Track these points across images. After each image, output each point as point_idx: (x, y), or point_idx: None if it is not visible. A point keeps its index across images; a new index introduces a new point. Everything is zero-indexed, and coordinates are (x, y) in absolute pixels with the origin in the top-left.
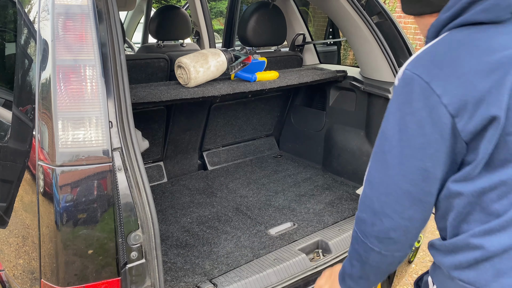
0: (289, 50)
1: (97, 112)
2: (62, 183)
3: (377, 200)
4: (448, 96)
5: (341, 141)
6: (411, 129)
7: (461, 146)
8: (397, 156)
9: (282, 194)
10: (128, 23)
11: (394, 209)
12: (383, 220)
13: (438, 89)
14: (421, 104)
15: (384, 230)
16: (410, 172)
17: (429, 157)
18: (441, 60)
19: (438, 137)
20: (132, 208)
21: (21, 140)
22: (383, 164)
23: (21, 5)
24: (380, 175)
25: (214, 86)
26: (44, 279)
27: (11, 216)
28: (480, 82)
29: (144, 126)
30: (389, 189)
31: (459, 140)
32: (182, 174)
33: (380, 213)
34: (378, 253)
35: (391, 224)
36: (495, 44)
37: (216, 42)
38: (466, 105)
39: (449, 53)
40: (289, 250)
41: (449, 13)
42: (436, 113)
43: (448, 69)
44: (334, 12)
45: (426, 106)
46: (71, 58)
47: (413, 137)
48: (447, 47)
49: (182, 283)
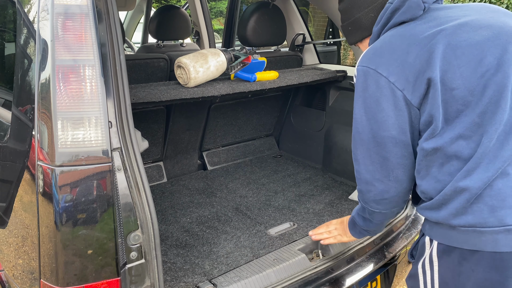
0: (289, 50)
1: (96, 112)
2: (61, 183)
3: (366, 172)
4: (393, 75)
5: (341, 141)
6: (373, 108)
7: (414, 113)
8: (369, 132)
9: (282, 194)
10: (128, 23)
11: (381, 174)
12: (375, 185)
13: (384, 72)
14: (375, 86)
15: (379, 193)
16: (382, 142)
17: (392, 127)
18: (380, 51)
19: (393, 108)
20: (132, 208)
21: (21, 140)
22: (361, 142)
23: (21, 5)
24: (361, 151)
25: (214, 86)
26: (44, 279)
27: (10, 216)
28: (412, 58)
29: (144, 126)
30: (371, 159)
31: (412, 108)
32: (181, 174)
33: (372, 181)
34: (379, 213)
35: (382, 187)
36: (417, 31)
37: (216, 42)
38: (408, 78)
39: (385, 45)
40: (289, 250)
41: (379, 26)
42: (388, 90)
43: (387, 55)
44: (334, 12)
45: (379, 87)
46: (70, 58)
47: (375, 113)
48: (382, 42)
49: (182, 283)
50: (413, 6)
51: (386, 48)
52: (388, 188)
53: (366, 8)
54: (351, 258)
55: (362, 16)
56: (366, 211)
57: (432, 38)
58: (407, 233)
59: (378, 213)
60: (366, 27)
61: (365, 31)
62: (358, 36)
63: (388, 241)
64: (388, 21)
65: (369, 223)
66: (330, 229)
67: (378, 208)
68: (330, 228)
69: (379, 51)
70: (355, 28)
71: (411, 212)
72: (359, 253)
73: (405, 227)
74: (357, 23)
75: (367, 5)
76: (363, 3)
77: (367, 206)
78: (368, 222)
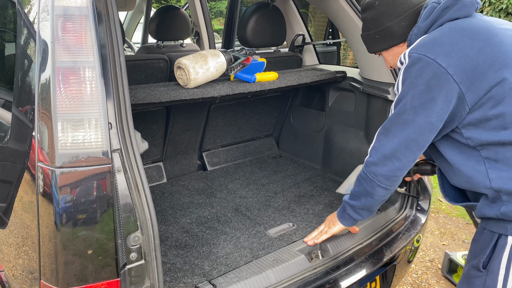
0: (289, 51)
1: (96, 114)
2: (61, 184)
3: (390, 147)
4: (452, 67)
5: (341, 141)
6: (423, 94)
7: (462, 106)
8: (410, 114)
9: (282, 195)
10: (128, 23)
11: (403, 154)
12: (393, 161)
13: (444, 63)
14: (430, 75)
15: (393, 169)
16: (419, 126)
17: (435, 114)
18: (440, 42)
19: (444, 98)
20: (132, 209)
21: (21, 141)
22: (397, 121)
23: (21, 5)
24: (395, 129)
25: (214, 87)
26: (44, 280)
27: (10, 217)
28: (474, 53)
29: (144, 126)
30: (400, 138)
31: (462, 101)
32: (181, 175)
33: (391, 157)
34: (384, 189)
35: (399, 164)
36: (476, 26)
37: (216, 42)
38: (467, 72)
39: (445, 37)
40: (288, 250)
41: (428, 21)
42: (444, 81)
43: (448, 47)
44: (334, 13)
45: (435, 76)
46: (70, 60)
47: (424, 99)
48: (442, 33)
49: (181, 284)
50: (468, 5)
51: (446, 39)
52: (403, 167)
53: (399, 17)
54: (350, 258)
55: (394, 25)
56: (370, 184)
57: (494, 35)
58: (406, 234)
59: (383, 189)
60: (398, 35)
61: (395, 39)
62: (386, 44)
63: (387, 241)
64: (438, 18)
65: (369, 199)
66: (320, 229)
67: (385, 184)
68: (320, 228)
69: (439, 42)
70: (385, 37)
71: (411, 212)
72: (359, 253)
73: (405, 227)
74: (388, 32)
75: (399, 14)
76: (395, 12)
77: (375, 179)
78: (369, 198)
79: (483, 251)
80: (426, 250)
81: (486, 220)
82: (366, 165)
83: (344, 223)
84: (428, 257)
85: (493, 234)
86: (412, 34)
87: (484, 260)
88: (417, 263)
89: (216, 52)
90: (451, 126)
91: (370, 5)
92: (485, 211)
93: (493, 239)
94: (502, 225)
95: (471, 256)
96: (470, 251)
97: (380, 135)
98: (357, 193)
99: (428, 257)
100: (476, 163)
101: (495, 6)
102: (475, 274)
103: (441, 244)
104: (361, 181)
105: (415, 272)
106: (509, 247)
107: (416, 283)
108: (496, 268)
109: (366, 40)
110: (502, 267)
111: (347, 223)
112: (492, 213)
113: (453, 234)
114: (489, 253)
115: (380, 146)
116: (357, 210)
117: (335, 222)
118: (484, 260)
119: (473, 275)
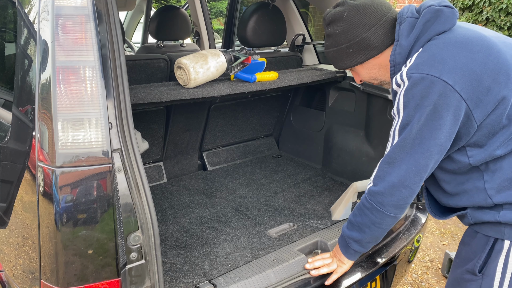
0: (289, 51)
1: (96, 113)
2: (62, 184)
3: (397, 176)
4: (459, 84)
5: (341, 141)
6: (430, 116)
7: (469, 123)
8: (417, 138)
9: (282, 195)
10: (128, 23)
11: (412, 181)
12: (402, 190)
13: (450, 80)
14: (437, 94)
15: (403, 198)
16: (428, 150)
17: (443, 135)
18: (441, 58)
19: (452, 118)
20: (132, 209)
21: (21, 140)
22: (404, 147)
23: (21, 5)
24: (401, 155)
25: (214, 86)
26: (44, 280)
27: (11, 217)
28: (477, 66)
29: (144, 126)
30: (409, 165)
31: (470, 118)
32: (181, 175)
33: (399, 186)
34: (393, 218)
35: (408, 192)
36: (470, 38)
37: (216, 42)
38: (473, 87)
39: (444, 52)
40: (289, 250)
41: (411, 38)
42: (452, 99)
43: (450, 62)
44: None
45: (442, 95)
46: (71, 59)
47: (431, 121)
48: (439, 48)
49: (182, 284)
50: (450, 16)
51: (446, 54)
52: (413, 193)
53: (373, 26)
54: None
55: (370, 35)
56: (377, 215)
57: (491, 46)
58: (406, 234)
59: (392, 218)
60: (375, 46)
61: (373, 51)
62: (362, 57)
63: (387, 241)
64: (421, 33)
65: (376, 229)
66: (326, 262)
67: (394, 213)
68: (326, 262)
69: (439, 58)
70: (360, 49)
71: (411, 212)
72: None
73: (405, 227)
74: (364, 43)
75: (373, 23)
76: (369, 22)
77: (383, 209)
78: (376, 229)
79: (477, 255)
80: (426, 250)
81: (479, 224)
82: (371, 194)
83: (351, 258)
84: (428, 257)
85: (488, 238)
86: (395, 54)
87: (480, 264)
88: (417, 263)
89: (216, 51)
90: (458, 145)
91: (336, 17)
92: (479, 216)
93: (488, 243)
94: (498, 229)
95: (462, 259)
96: (459, 255)
97: (384, 164)
98: (360, 224)
99: (428, 257)
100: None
101: (495, 6)
102: (469, 278)
103: (441, 244)
104: (365, 212)
105: (415, 272)
106: (505, 251)
107: (416, 283)
108: (492, 272)
109: (335, 56)
110: (498, 271)
111: (354, 258)
112: (488, 218)
113: (453, 234)
114: (485, 258)
115: (386, 175)
116: (363, 243)
117: (343, 259)
118: (480, 264)
119: (467, 279)
